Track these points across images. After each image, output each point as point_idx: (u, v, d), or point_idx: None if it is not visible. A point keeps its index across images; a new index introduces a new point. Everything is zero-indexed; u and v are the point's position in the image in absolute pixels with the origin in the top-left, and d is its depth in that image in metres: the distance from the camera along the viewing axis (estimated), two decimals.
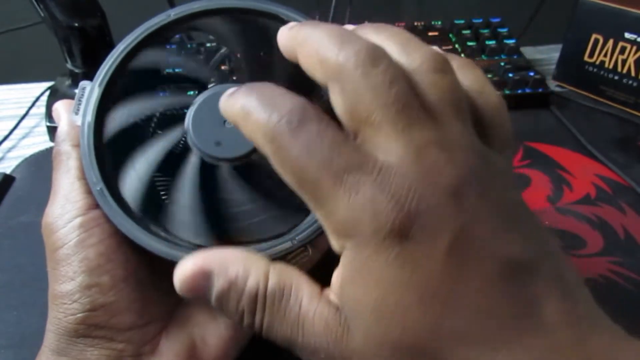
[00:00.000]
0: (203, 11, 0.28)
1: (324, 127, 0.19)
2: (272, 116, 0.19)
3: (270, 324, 0.21)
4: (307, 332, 0.20)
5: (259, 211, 0.26)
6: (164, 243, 0.25)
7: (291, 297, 0.21)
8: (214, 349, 0.28)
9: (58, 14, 0.44)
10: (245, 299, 0.21)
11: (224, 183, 0.26)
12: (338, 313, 0.20)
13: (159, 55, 0.28)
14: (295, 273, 0.22)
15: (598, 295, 0.37)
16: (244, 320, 0.22)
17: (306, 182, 0.19)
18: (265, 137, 0.20)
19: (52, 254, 0.25)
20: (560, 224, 0.42)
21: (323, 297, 0.21)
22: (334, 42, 0.20)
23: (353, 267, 0.19)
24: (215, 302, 0.22)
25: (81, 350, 0.25)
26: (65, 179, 0.26)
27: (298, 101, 0.20)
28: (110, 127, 0.27)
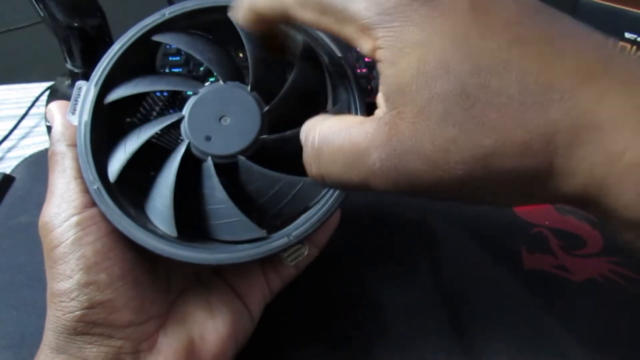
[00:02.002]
0: (198, 10, 0.28)
1: None
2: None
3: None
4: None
5: (234, 212, 0.26)
6: (161, 240, 0.25)
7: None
8: (212, 346, 0.28)
9: (58, 14, 0.44)
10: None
11: (207, 178, 0.26)
12: (382, 114, 0.20)
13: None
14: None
15: (598, 295, 0.37)
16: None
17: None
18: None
19: (50, 253, 0.25)
20: (560, 224, 0.42)
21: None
22: None
23: (390, 47, 0.19)
24: None
25: (80, 347, 0.25)
26: (61, 178, 0.26)
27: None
28: (107, 125, 0.27)
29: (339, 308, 0.36)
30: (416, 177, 0.19)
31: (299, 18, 0.22)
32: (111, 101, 0.27)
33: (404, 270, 0.38)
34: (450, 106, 0.18)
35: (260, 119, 0.26)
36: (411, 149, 0.19)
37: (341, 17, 0.20)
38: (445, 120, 0.18)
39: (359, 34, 0.20)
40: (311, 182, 0.26)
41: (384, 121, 0.20)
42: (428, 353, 0.34)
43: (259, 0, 0.23)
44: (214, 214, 0.26)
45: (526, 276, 0.38)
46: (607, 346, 0.34)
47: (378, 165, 0.19)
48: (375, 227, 0.41)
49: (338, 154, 0.21)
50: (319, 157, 0.22)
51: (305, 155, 0.23)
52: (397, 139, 0.19)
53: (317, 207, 0.26)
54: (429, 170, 0.19)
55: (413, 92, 0.19)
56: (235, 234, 0.26)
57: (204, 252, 0.25)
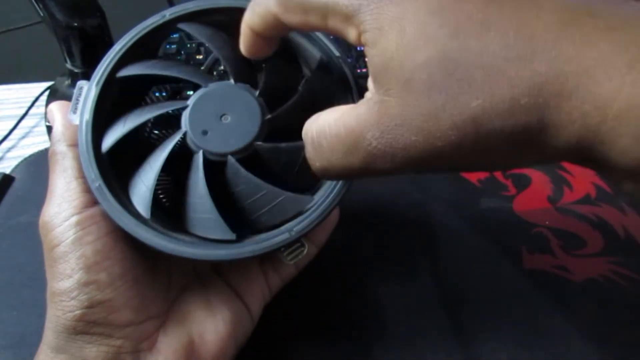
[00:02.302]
0: (198, 11, 0.28)
1: None
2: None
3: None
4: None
5: (210, 210, 0.26)
6: (163, 237, 0.25)
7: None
8: (212, 346, 0.28)
9: (58, 13, 0.44)
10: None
11: (193, 171, 0.26)
12: (370, 96, 0.20)
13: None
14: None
15: (598, 295, 0.37)
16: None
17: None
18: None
19: (50, 252, 0.25)
20: (560, 224, 0.42)
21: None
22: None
23: (371, 29, 0.19)
24: None
25: (80, 347, 0.25)
26: (61, 178, 0.26)
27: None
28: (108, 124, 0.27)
29: (338, 308, 0.36)
30: (411, 149, 0.19)
31: (289, 23, 0.22)
32: (122, 77, 0.27)
33: (404, 270, 0.39)
34: (434, 73, 0.18)
35: (259, 125, 0.26)
36: (403, 122, 0.19)
37: (324, 12, 0.21)
38: (431, 89, 0.18)
39: (344, 24, 0.20)
40: (293, 197, 0.26)
41: (373, 101, 0.20)
42: (428, 353, 0.34)
43: (252, 19, 0.24)
44: (192, 207, 0.26)
45: (526, 276, 0.38)
46: (607, 346, 0.34)
47: (374, 144, 0.20)
48: (375, 227, 0.41)
49: (336, 142, 0.21)
50: (320, 150, 0.22)
51: (307, 153, 0.23)
52: (388, 115, 0.19)
53: (317, 203, 0.26)
54: (423, 141, 0.19)
55: (396, 67, 0.19)
56: (206, 231, 0.26)
57: (205, 248, 0.25)
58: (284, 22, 0.22)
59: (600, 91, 0.16)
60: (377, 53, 0.19)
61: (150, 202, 0.26)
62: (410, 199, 0.44)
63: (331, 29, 0.21)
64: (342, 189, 0.26)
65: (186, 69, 0.28)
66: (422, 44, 0.18)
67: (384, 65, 0.19)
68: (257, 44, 0.25)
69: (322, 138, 0.22)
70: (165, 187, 0.29)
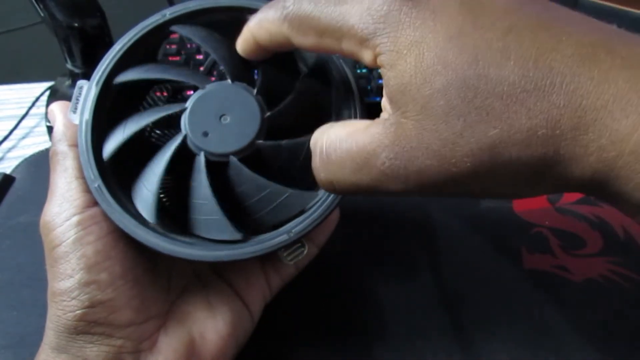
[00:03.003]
0: (199, 10, 0.28)
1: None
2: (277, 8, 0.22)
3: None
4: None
5: (215, 210, 0.26)
6: (162, 238, 0.25)
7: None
8: (213, 345, 0.28)
9: (58, 14, 0.44)
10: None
11: (196, 172, 0.26)
12: (387, 116, 0.20)
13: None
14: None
15: (598, 295, 0.37)
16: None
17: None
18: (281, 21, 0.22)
19: (51, 252, 0.25)
20: (560, 224, 0.42)
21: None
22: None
23: (388, 52, 0.19)
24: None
25: (80, 347, 0.25)
26: (62, 178, 0.26)
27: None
28: (108, 124, 0.27)
29: (338, 308, 0.36)
30: (425, 173, 0.19)
31: (300, 45, 0.22)
32: (120, 82, 0.27)
33: (404, 270, 0.39)
34: (452, 99, 0.18)
35: (259, 124, 0.26)
36: (418, 146, 0.19)
37: (339, 35, 0.21)
38: (449, 114, 0.18)
39: (359, 47, 0.20)
40: (297, 194, 0.26)
41: (389, 122, 0.20)
42: (428, 353, 0.34)
43: (259, 32, 0.23)
44: (197, 209, 0.26)
45: (526, 276, 0.38)
46: (607, 346, 0.34)
47: (387, 165, 0.20)
48: (375, 227, 0.41)
49: (346, 158, 0.21)
50: (328, 163, 0.22)
51: (313, 163, 0.23)
52: (404, 137, 0.19)
53: (317, 204, 0.26)
54: (438, 165, 0.19)
55: (414, 91, 0.19)
56: (212, 232, 0.26)
57: (204, 249, 0.25)
58: (294, 43, 0.22)
59: (617, 127, 0.17)
60: (394, 75, 0.19)
61: (155, 207, 0.26)
62: (410, 199, 0.44)
63: (345, 51, 0.21)
64: None
65: (183, 71, 0.28)
66: (441, 69, 0.18)
67: (402, 89, 0.19)
68: (257, 51, 0.25)
69: (332, 151, 0.22)
70: (166, 188, 0.29)
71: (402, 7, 0.19)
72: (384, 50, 0.19)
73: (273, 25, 0.23)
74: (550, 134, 0.17)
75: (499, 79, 0.18)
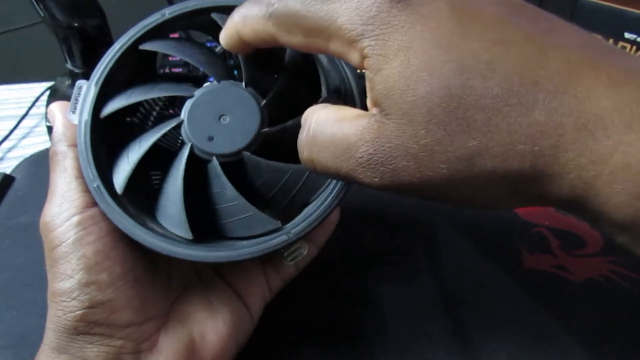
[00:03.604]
0: (198, 9, 0.28)
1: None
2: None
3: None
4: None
5: (247, 208, 0.26)
6: (161, 238, 0.25)
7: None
8: (213, 346, 0.28)
9: (58, 14, 0.44)
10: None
11: (214, 178, 0.26)
12: (374, 112, 0.20)
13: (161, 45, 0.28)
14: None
15: (598, 295, 0.37)
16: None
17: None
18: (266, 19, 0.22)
19: (50, 253, 0.25)
20: (560, 224, 0.42)
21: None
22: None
23: (375, 55, 0.19)
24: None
25: (80, 347, 0.25)
26: (62, 178, 0.26)
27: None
28: (107, 124, 0.27)
29: (338, 308, 0.36)
30: (401, 174, 0.19)
31: (287, 44, 0.22)
32: (107, 114, 0.27)
33: (404, 270, 0.39)
34: (434, 108, 0.18)
35: (259, 113, 0.26)
36: (397, 147, 0.19)
37: (327, 35, 0.21)
38: (430, 122, 0.18)
39: (346, 47, 0.20)
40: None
41: (374, 119, 0.20)
42: (428, 353, 0.34)
43: (244, 29, 0.23)
44: (227, 212, 0.26)
45: (526, 276, 0.38)
46: (607, 346, 0.34)
47: (365, 159, 0.20)
48: (375, 227, 0.41)
49: (330, 143, 0.21)
50: (312, 143, 0.22)
51: (299, 139, 0.23)
52: (385, 137, 0.19)
53: (316, 204, 0.26)
54: (414, 168, 0.19)
55: (397, 96, 0.19)
56: (251, 229, 0.26)
57: (204, 250, 0.25)
58: (280, 42, 0.22)
59: (597, 147, 0.17)
60: (379, 80, 0.19)
61: (187, 223, 0.26)
62: (410, 199, 0.44)
63: (332, 51, 0.21)
64: (341, 191, 0.26)
65: (167, 86, 0.28)
66: (426, 76, 0.18)
67: (386, 93, 0.19)
68: (241, 46, 0.24)
69: (319, 132, 0.22)
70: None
71: (391, 9, 0.19)
72: (371, 54, 0.19)
73: (258, 23, 0.22)
74: (528, 150, 0.17)
75: (483, 91, 0.18)
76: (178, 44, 0.28)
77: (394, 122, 0.19)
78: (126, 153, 0.27)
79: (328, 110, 0.22)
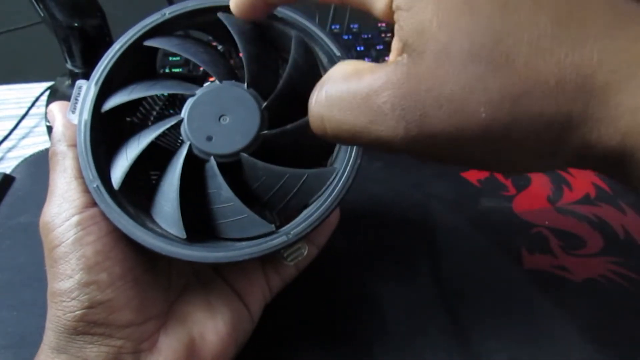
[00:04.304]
0: (198, 9, 0.28)
1: None
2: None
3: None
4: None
5: (242, 210, 0.26)
6: (160, 239, 0.25)
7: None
8: (213, 346, 0.28)
9: (58, 14, 0.44)
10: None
11: (211, 178, 0.26)
12: (400, 59, 0.18)
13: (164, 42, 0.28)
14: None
15: (598, 295, 0.37)
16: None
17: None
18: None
19: (50, 253, 0.25)
20: (560, 224, 0.42)
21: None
22: None
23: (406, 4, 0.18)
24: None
25: (80, 347, 0.25)
26: (61, 178, 0.26)
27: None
28: (107, 123, 0.27)
29: (338, 308, 0.36)
30: (433, 121, 0.17)
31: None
32: (108, 109, 0.27)
33: (404, 270, 0.39)
34: (475, 42, 0.17)
35: (259, 115, 0.26)
36: (430, 90, 0.17)
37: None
38: (471, 57, 0.17)
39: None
40: (316, 173, 0.26)
41: (402, 62, 0.18)
42: (428, 353, 0.34)
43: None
44: (221, 213, 0.26)
45: (526, 276, 0.38)
46: (607, 346, 0.34)
47: (389, 106, 0.18)
48: (375, 227, 0.41)
49: (345, 93, 0.19)
50: (325, 97, 0.20)
51: (310, 98, 0.21)
52: (415, 78, 0.17)
53: (316, 205, 0.26)
54: (447, 116, 0.17)
55: (434, 30, 0.17)
56: (244, 231, 0.26)
57: (203, 250, 0.25)
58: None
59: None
60: (412, 15, 0.18)
61: (181, 222, 0.25)
62: (410, 199, 0.44)
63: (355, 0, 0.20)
64: (341, 192, 0.26)
65: (168, 83, 0.28)
66: (467, 9, 0.17)
67: (420, 28, 0.17)
68: (254, 5, 0.23)
69: (332, 84, 0.20)
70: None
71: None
72: (402, 12, 0.18)
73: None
74: (580, 89, 0.16)
75: (530, 25, 0.16)
76: (181, 41, 0.28)
77: (428, 61, 0.17)
78: (125, 150, 0.27)
79: (343, 65, 0.20)
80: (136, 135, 0.27)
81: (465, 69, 0.17)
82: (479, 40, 0.17)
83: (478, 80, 0.17)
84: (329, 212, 0.26)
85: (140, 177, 0.28)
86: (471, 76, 0.17)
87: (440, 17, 0.17)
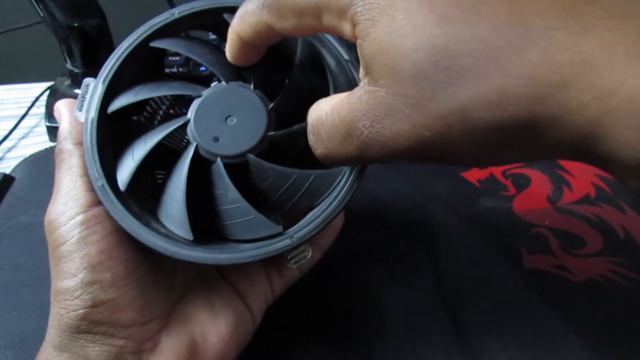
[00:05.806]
0: (207, 10, 0.28)
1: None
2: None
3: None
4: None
5: (249, 211, 0.26)
6: (164, 239, 0.25)
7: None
8: (214, 347, 0.28)
9: (58, 14, 0.44)
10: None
11: (218, 179, 0.26)
12: (362, 85, 0.20)
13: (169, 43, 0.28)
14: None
15: (598, 295, 0.37)
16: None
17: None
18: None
19: (54, 251, 0.25)
20: (560, 224, 0.42)
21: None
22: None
23: (363, 21, 0.19)
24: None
25: (82, 346, 0.25)
26: (67, 176, 0.26)
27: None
28: (114, 122, 0.27)
29: (339, 308, 0.36)
30: (400, 138, 0.19)
31: (282, 29, 0.22)
32: (114, 110, 0.27)
33: (404, 271, 0.39)
34: (420, 61, 0.17)
35: (266, 116, 0.26)
36: (390, 112, 0.19)
37: (318, 12, 0.21)
38: (417, 77, 0.18)
39: (338, 20, 0.20)
40: (323, 173, 0.26)
41: (364, 90, 0.20)
42: (428, 353, 0.34)
43: (242, 28, 0.23)
44: (228, 214, 0.26)
45: (526, 276, 0.38)
46: (607, 346, 0.35)
47: (366, 133, 0.20)
48: (375, 227, 0.41)
49: (332, 130, 0.21)
50: (319, 137, 0.22)
51: (309, 140, 0.23)
52: (377, 104, 0.19)
53: (321, 208, 0.26)
54: (410, 130, 0.18)
55: (383, 56, 0.18)
56: (251, 232, 0.26)
57: (206, 251, 0.25)
58: (277, 30, 0.22)
59: (601, 82, 0.16)
60: (367, 44, 0.19)
61: (188, 224, 0.26)
62: (410, 199, 0.44)
63: (327, 27, 0.21)
64: (346, 196, 0.26)
65: (175, 84, 0.28)
66: (410, 31, 0.18)
67: (373, 55, 0.19)
68: (245, 51, 0.25)
69: (320, 126, 0.22)
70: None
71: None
72: (360, 20, 0.19)
73: (253, 16, 0.23)
74: (524, 93, 0.16)
75: (469, 36, 0.17)
76: (188, 42, 0.28)
77: (383, 87, 0.19)
78: (131, 151, 0.27)
79: (322, 103, 0.23)
80: (142, 135, 0.27)
81: (414, 88, 0.18)
82: (422, 60, 0.18)
83: (428, 98, 0.18)
84: (334, 216, 0.26)
85: (146, 177, 0.28)
86: (421, 94, 0.18)
87: (388, 43, 0.18)
